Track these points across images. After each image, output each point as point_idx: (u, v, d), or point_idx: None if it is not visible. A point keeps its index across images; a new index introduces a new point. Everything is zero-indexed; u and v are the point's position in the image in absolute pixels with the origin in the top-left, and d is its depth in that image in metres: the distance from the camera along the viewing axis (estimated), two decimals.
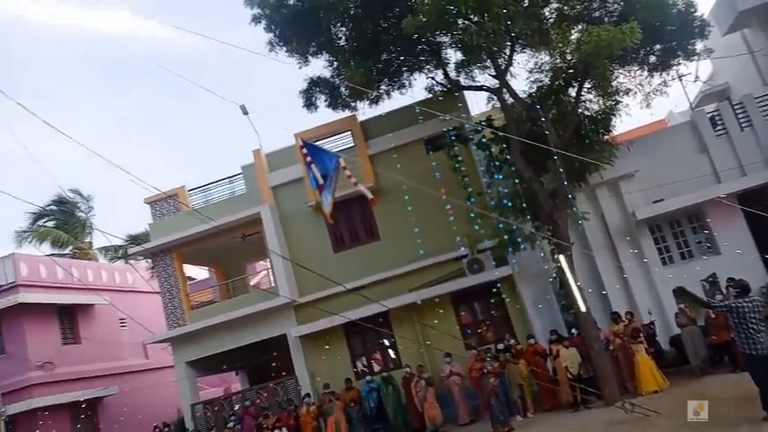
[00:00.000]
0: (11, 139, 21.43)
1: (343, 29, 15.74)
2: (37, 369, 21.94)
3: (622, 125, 16.72)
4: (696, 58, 15.46)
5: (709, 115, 17.63)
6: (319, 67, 16.51)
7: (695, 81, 19.34)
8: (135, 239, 27.77)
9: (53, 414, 21.23)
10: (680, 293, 14.31)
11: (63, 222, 30.48)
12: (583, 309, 13.59)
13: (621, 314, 14.76)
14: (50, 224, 30.50)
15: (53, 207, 30.49)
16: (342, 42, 15.97)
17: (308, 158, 11.59)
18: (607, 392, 12.91)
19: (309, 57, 16.33)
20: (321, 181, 11.45)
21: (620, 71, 15.47)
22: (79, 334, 24.53)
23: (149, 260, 22.08)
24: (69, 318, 24.49)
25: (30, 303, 22.09)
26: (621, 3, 14.37)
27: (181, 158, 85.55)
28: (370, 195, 13.21)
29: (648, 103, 15.84)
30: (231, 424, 16.59)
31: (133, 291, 26.65)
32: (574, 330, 14.60)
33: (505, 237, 15.60)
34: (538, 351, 14.71)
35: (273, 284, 19.03)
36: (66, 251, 29.87)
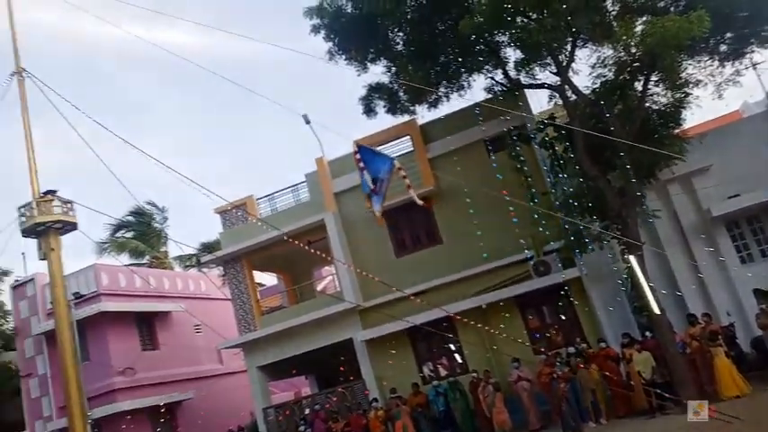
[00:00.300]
0: (93, 154, 22.57)
1: (401, 34, 15.84)
2: (119, 374, 22.99)
3: (693, 118, 16.05)
4: None
5: None
6: (378, 73, 16.61)
7: None
8: (208, 247, 28.76)
9: (134, 418, 22.19)
10: (761, 293, 13.55)
11: (140, 233, 31.98)
12: (656, 311, 13.06)
13: (698, 316, 14.10)
14: (129, 235, 32.06)
15: (131, 218, 32.01)
16: (399, 47, 16.07)
17: (361, 164, 11.60)
18: (685, 398, 12.33)
19: (368, 63, 16.54)
20: (372, 186, 11.43)
21: (689, 62, 14.82)
22: (157, 340, 25.55)
23: (221, 268, 22.82)
24: (148, 325, 25.57)
25: (111, 312, 23.22)
26: None
27: (248, 168, 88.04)
28: (420, 201, 13.00)
29: (720, 94, 15.16)
30: (302, 428, 16.91)
31: (207, 298, 27.58)
32: (647, 333, 14.07)
33: (572, 237, 15.18)
34: (610, 355, 14.24)
35: (339, 289, 19.27)
36: (144, 261, 31.31)
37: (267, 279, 28.86)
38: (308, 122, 19.52)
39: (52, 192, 18.83)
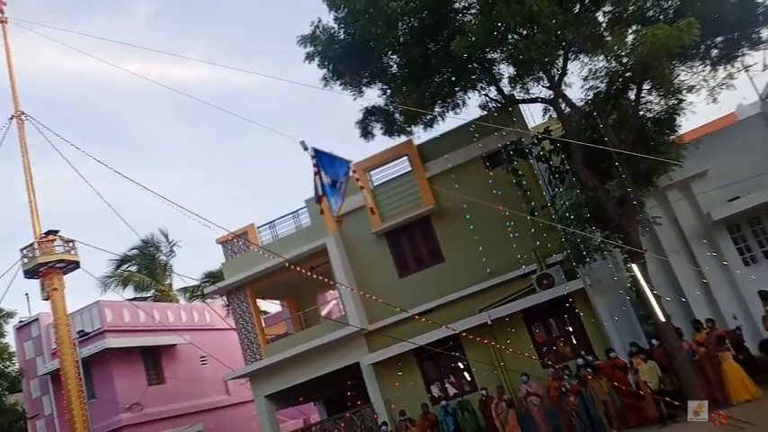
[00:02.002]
0: (97, 190, 22.61)
1: (394, 57, 15.97)
2: (126, 411, 22.82)
3: (688, 123, 16.13)
4: (763, 46, 14.80)
5: None
6: (373, 96, 16.78)
7: (764, 70, 18.42)
8: (211, 277, 28.70)
9: None
10: (766, 295, 13.51)
11: (145, 266, 31.94)
12: (662, 318, 13.04)
13: (703, 321, 14.03)
14: (133, 269, 32.02)
15: (135, 251, 31.98)
16: (393, 70, 16.20)
17: (316, 168, 11.97)
18: None
19: (363, 87, 16.68)
20: (322, 190, 11.85)
21: (681, 68, 14.94)
22: (163, 374, 25.41)
23: (224, 298, 22.75)
24: (154, 359, 25.44)
25: (116, 348, 23.13)
26: None
27: (249, 195, 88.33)
28: (370, 204, 14.05)
29: (714, 98, 15.19)
30: None
31: (211, 329, 27.48)
32: (654, 341, 13.99)
33: (574, 249, 15.15)
34: (618, 365, 14.13)
35: (343, 313, 19.19)
36: (149, 294, 31.23)
37: (271, 307, 28.76)
38: (305, 149, 19.68)
39: (54, 232, 18.95)
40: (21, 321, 26.34)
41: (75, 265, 19.31)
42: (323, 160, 11.86)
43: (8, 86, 19.78)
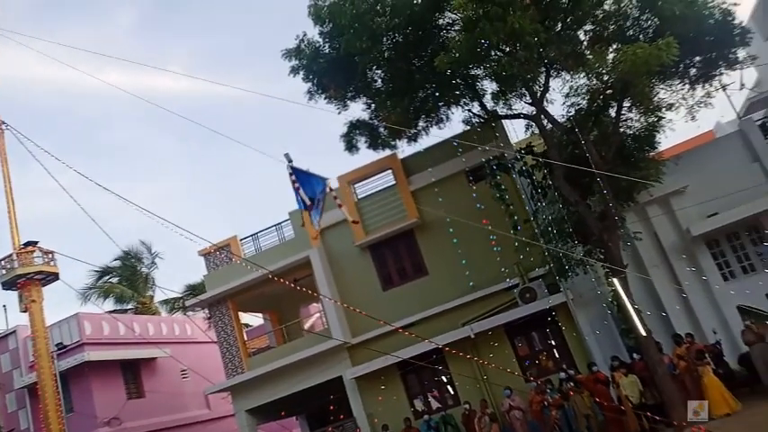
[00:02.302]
0: (78, 200, 22.37)
1: (379, 71, 16.08)
2: (104, 425, 22.47)
3: (668, 140, 16.39)
4: (739, 66, 15.10)
5: (759, 122, 17.13)
6: (357, 110, 16.85)
7: (741, 89, 18.87)
8: (193, 290, 28.47)
9: None
10: (745, 310, 13.71)
11: (126, 278, 31.59)
12: (643, 332, 13.17)
13: (684, 335, 14.19)
14: (114, 280, 31.64)
15: (116, 263, 31.62)
16: (378, 84, 16.31)
17: (296, 184, 12.15)
18: (675, 419, 12.34)
19: (347, 101, 16.75)
20: (308, 203, 12.05)
21: (661, 86, 15.21)
22: (143, 388, 25.09)
23: (206, 310, 22.55)
24: (133, 372, 25.13)
25: (95, 361, 22.80)
26: (656, 19, 14.21)
27: (231, 207, 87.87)
28: (350, 218, 14.46)
29: (693, 116, 15.44)
30: None
31: (193, 342, 27.21)
32: (635, 355, 14.11)
33: (554, 264, 15.27)
34: (600, 379, 14.22)
35: (326, 327, 19.12)
36: (129, 306, 30.86)
37: (253, 320, 28.59)
38: (290, 161, 19.72)
39: (33, 243, 18.70)
40: None
41: (55, 276, 19.08)
42: (301, 178, 12.06)
43: None
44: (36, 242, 18.81)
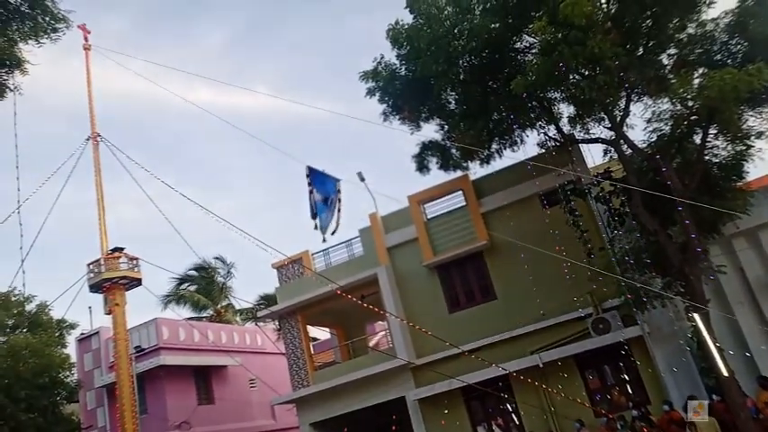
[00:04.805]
0: (164, 211, 23.61)
1: (453, 93, 16.12)
2: (175, 428, 23.24)
3: (757, 170, 15.44)
4: None
5: None
6: (430, 131, 16.92)
7: None
8: (267, 300, 29.19)
9: None
10: None
11: (203, 287, 32.81)
12: (725, 372, 12.40)
13: None
14: (192, 288, 32.92)
15: (194, 272, 32.91)
16: (452, 106, 16.33)
17: (310, 187, 12.45)
18: None
19: (421, 123, 16.87)
20: (315, 211, 12.35)
21: (750, 113, 14.41)
22: (213, 394, 25.83)
23: (276, 322, 23.06)
24: (204, 379, 25.92)
25: (170, 365, 23.69)
26: (746, 43, 13.59)
27: (304, 223, 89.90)
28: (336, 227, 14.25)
29: None
30: None
31: (262, 352, 27.83)
32: (715, 396, 13.31)
33: (631, 295, 14.65)
34: (674, 419, 13.48)
35: (391, 345, 19.12)
36: (205, 314, 31.99)
37: (321, 334, 28.97)
38: (362, 180, 20.06)
39: (120, 249, 19.72)
40: (82, 333, 27.39)
41: (138, 282, 19.99)
42: (316, 178, 12.42)
43: (87, 109, 20.95)
44: (123, 248, 19.81)
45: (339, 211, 12.79)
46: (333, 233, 14.19)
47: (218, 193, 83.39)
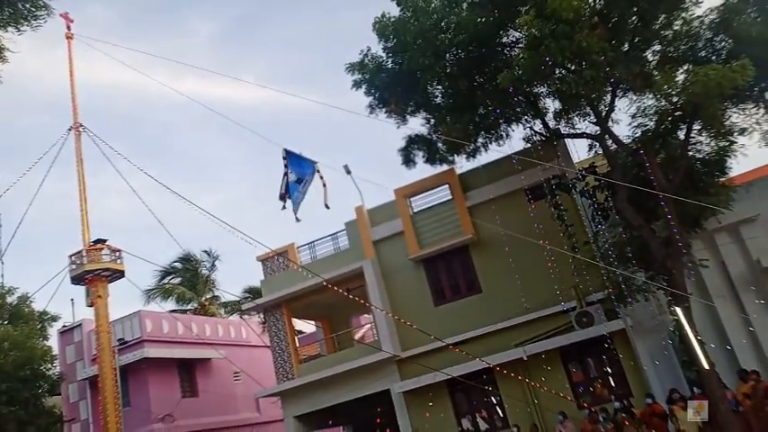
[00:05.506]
0: (151, 203, 23.38)
1: (440, 87, 16.07)
2: (159, 421, 23.13)
3: (739, 166, 15.61)
4: None
5: None
6: (416, 124, 16.89)
7: None
8: (252, 293, 29.08)
9: None
10: None
11: (187, 280, 32.59)
12: (705, 366, 12.57)
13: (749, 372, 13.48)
14: (176, 281, 32.69)
15: (178, 265, 32.66)
16: (438, 100, 16.30)
17: (286, 168, 12.59)
18: None
19: (407, 116, 16.79)
20: (286, 189, 12.43)
21: (734, 110, 14.58)
22: (197, 387, 25.72)
23: (261, 315, 22.99)
24: (188, 371, 25.80)
25: (153, 358, 23.54)
26: (730, 40, 13.70)
27: (288, 216, 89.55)
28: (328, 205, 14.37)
29: (767, 141, 14.77)
30: None
31: (246, 345, 27.75)
32: (696, 389, 13.49)
33: (613, 289, 14.79)
34: (656, 412, 13.65)
35: (376, 338, 19.16)
36: (189, 307, 31.80)
37: (306, 327, 28.95)
38: (348, 172, 19.98)
39: (102, 240, 19.53)
40: (64, 326, 27.12)
41: (121, 274, 19.84)
42: (292, 160, 12.50)
43: (69, 98, 20.67)
44: (105, 240, 19.63)
45: (305, 191, 12.90)
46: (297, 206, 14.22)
47: (207, 186, 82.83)
